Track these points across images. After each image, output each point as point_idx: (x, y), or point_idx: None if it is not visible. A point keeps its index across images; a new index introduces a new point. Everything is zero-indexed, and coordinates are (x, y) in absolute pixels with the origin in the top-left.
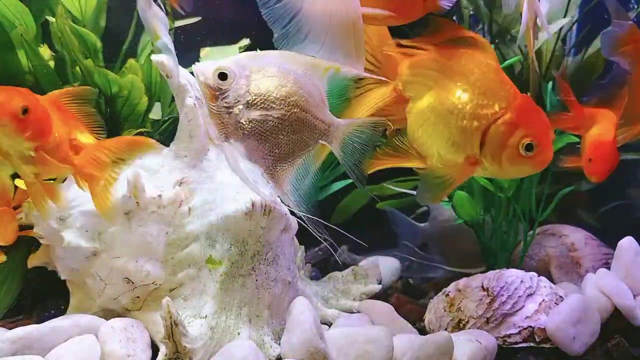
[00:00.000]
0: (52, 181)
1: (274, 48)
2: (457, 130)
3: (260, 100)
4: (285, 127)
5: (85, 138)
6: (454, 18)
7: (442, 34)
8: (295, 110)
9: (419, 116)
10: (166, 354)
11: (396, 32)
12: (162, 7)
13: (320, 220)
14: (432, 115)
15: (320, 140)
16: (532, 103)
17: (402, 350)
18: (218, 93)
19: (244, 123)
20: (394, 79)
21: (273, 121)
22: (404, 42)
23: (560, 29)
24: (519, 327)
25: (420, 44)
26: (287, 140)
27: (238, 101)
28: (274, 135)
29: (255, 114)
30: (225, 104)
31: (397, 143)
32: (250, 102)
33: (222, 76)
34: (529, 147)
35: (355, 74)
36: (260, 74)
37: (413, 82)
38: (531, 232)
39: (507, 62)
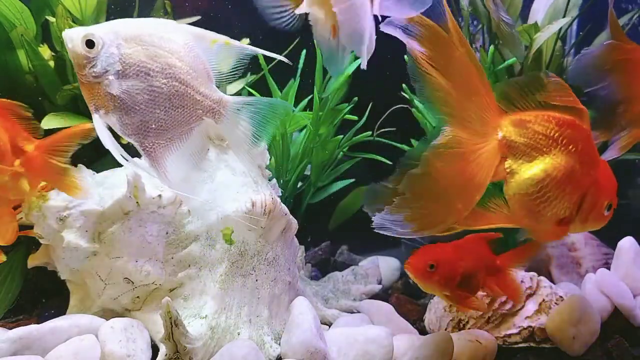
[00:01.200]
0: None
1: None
2: (565, 196)
3: (133, 70)
4: (162, 101)
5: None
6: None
7: (556, 97)
8: (174, 83)
9: (528, 180)
10: (166, 354)
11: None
12: (163, 6)
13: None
14: (545, 180)
15: (205, 117)
16: (608, 166)
17: (402, 350)
18: (86, 61)
19: (115, 94)
20: (487, 129)
21: (147, 94)
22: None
23: (560, 28)
24: (519, 327)
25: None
26: (164, 115)
27: (107, 71)
28: (149, 109)
29: (126, 85)
30: (93, 74)
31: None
32: (120, 72)
33: (90, 43)
34: (609, 208)
35: (242, 48)
36: (134, 42)
37: (520, 143)
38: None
39: (506, 63)
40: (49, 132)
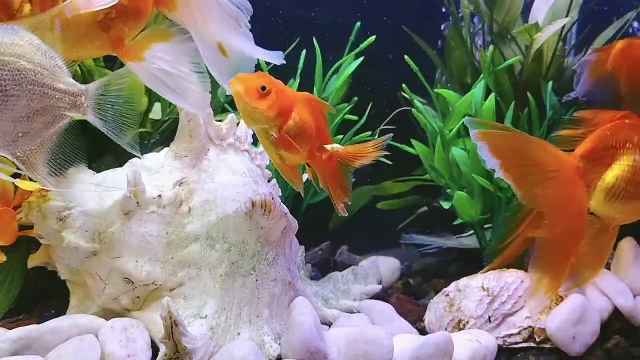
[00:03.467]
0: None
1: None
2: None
3: None
4: (21, 108)
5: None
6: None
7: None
8: (28, 87)
9: (607, 192)
10: (166, 354)
11: None
12: None
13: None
14: (623, 186)
15: (69, 113)
16: None
17: (402, 350)
18: None
19: None
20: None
21: (3, 105)
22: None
23: (562, 29)
24: (519, 327)
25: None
26: (27, 122)
27: None
28: (11, 119)
29: None
30: None
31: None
32: None
33: None
34: None
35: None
36: None
37: (594, 165)
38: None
39: (506, 62)
40: None
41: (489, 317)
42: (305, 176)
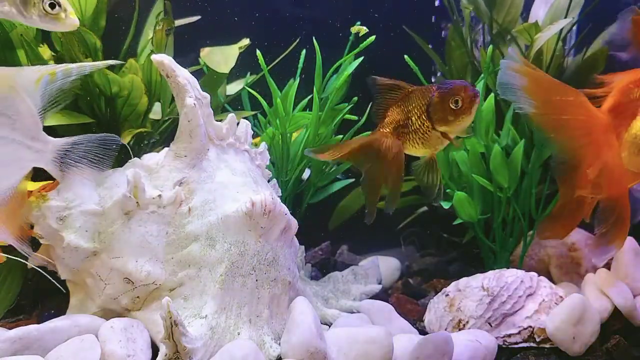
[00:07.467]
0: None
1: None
2: None
3: None
4: None
5: None
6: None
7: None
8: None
9: (635, 142)
10: (166, 354)
11: None
12: (163, 7)
13: None
14: None
15: (31, 165)
16: None
17: (402, 350)
18: None
19: None
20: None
21: None
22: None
23: (562, 29)
24: (519, 327)
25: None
26: None
27: None
28: None
29: None
30: None
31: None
32: None
33: None
34: None
35: (65, 73)
36: None
37: (620, 118)
38: (531, 232)
39: None
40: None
41: (489, 317)
42: (306, 174)
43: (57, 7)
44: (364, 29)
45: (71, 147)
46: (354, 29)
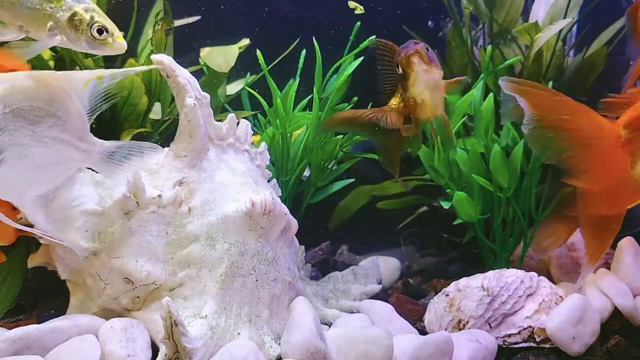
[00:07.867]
0: None
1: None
2: None
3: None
4: (40, 159)
5: None
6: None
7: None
8: (53, 141)
9: None
10: (166, 354)
11: None
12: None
13: None
14: None
15: (79, 166)
16: None
17: (402, 350)
18: None
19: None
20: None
21: (27, 155)
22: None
23: (562, 29)
24: (519, 327)
25: None
26: (42, 173)
27: None
28: (29, 170)
29: (9, 139)
30: None
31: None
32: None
33: None
34: None
35: (111, 74)
36: (20, 118)
37: (638, 134)
38: (531, 232)
39: (507, 62)
40: None
41: (489, 317)
42: (306, 173)
43: (104, 32)
44: (360, 8)
45: (116, 149)
46: (351, 4)
